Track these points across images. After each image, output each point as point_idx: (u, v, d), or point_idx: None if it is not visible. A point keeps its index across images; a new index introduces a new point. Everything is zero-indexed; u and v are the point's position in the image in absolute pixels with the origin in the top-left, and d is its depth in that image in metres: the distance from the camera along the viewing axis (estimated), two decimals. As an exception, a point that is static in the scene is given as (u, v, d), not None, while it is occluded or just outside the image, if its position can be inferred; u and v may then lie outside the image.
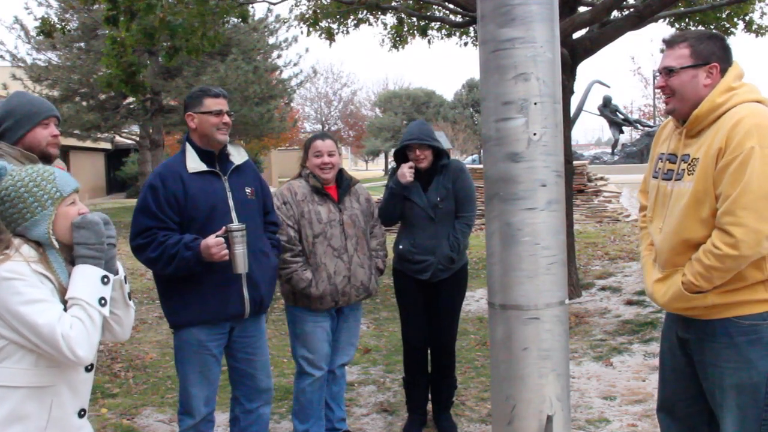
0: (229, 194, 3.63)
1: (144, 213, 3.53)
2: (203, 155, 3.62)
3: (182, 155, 3.63)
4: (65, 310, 2.34)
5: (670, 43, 2.81)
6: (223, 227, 3.45)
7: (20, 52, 22.81)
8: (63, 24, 10.18)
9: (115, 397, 5.51)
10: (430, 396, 4.77)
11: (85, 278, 2.38)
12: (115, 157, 37.69)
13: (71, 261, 2.47)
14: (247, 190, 3.72)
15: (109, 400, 5.43)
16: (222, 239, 3.41)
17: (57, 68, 21.32)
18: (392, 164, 4.78)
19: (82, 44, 21.40)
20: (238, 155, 3.77)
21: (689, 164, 2.73)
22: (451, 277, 4.57)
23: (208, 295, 3.54)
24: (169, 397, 5.42)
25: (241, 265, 3.44)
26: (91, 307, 2.34)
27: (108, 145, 32.55)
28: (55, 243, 2.42)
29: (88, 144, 27.63)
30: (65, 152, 31.29)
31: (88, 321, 2.33)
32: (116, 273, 2.50)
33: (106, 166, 39.49)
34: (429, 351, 4.70)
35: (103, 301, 2.38)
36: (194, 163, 3.59)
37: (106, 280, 2.41)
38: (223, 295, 3.56)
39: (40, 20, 9.10)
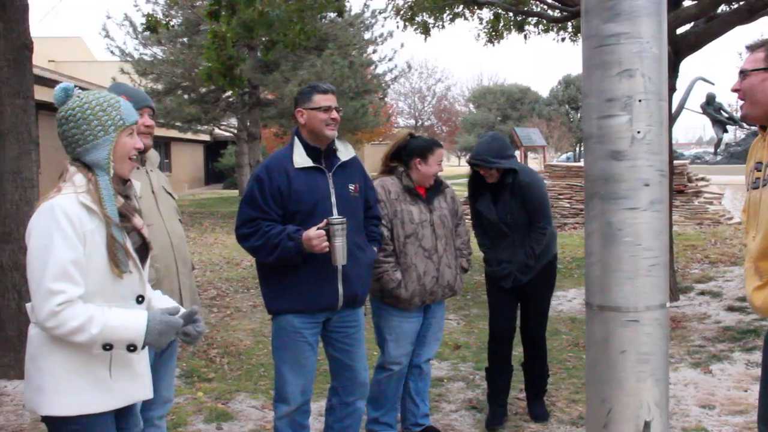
0: (332, 191, 3.68)
1: (250, 204, 3.64)
2: (310, 151, 3.68)
3: (290, 149, 3.71)
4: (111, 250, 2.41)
5: (751, 48, 2.81)
6: (325, 220, 3.53)
7: (128, 48, 23.69)
8: (167, 20, 10.55)
9: (211, 382, 5.69)
10: (523, 385, 4.94)
11: (131, 322, 2.42)
12: (214, 149, 38.83)
13: (120, 192, 2.54)
14: (350, 187, 3.75)
15: (205, 384, 5.61)
16: (323, 231, 3.50)
17: (161, 63, 22.09)
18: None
19: (185, 39, 22.11)
20: (345, 151, 3.80)
21: None
22: (538, 274, 4.65)
23: (303, 285, 3.62)
24: (262, 384, 5.56)
25: (340, 257, 3.53)
26: (99, 333, 2.35)
27: (207, 137, 33.58)
28: (112, 169, 2.47)
29: (189, 136, 28.55)
30: (167, 143, 32.46)
31: (82, 323, 2.33)
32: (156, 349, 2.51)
33: (205, 158, 40.73)
34: (522, 343, 4.90)
35: (108, 347, 2.40)
36: (300, 158, 3.65)
37: (132, 348, 2.43)
38: (317, 287, 3.63)
39: (146, 17, 9.45)
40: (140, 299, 2.58)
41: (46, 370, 2.43)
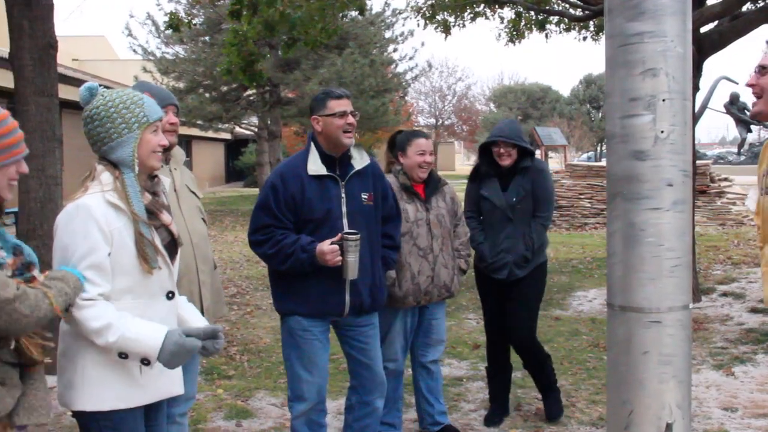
0: (344, 200, 3.64)
1: (264, 211, 3.63)
2: (325, 158, 3.64)
3: (305, 155, 3.67)
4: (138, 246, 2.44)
5: None
6: (339, 234, 3.49)
7: (150, 46, 23.84)
8: (189, 19, 10.60)
9: (231, 379, 5.72)
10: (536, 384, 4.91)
11: (148, 338, 2.43)
12: (234, 147, 38.92)
13: (147, 189, 2.56)
14: (363, 196, 3.69)
15: (225, 382, 5.64)
16: (337, 246, 3.46)
17: (183, 61, 22.19)
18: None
19: (206, 38, 22.19)
20: (360, 159, 3.73)
21: None
22: (527, 275, 4.61)
23: (311, 290, 3.61)
24: (282, 382, 5.57)
25: (352, 272, 3.50)
26: (115, 341, 2.38)
27: (228, 136, 33.65)
28: (137, 166, 2.49)
29: (210, 134, 28.67)
30: (188, 141, 32.61)
31: (100, 327, 2.36)
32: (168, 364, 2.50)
33: (226, 156, 40.87)
34: (512, 347, 4.83)
35: (123, 356, 2.42)
36: (315, 166, 3.62)
37: (146, 362, 2.44)
38: (324, 294, 3.62)
39: (168, 15, 9.50)
40: (170, 295, 2.61)
41: (77, 366, 2.47)
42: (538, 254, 4.61)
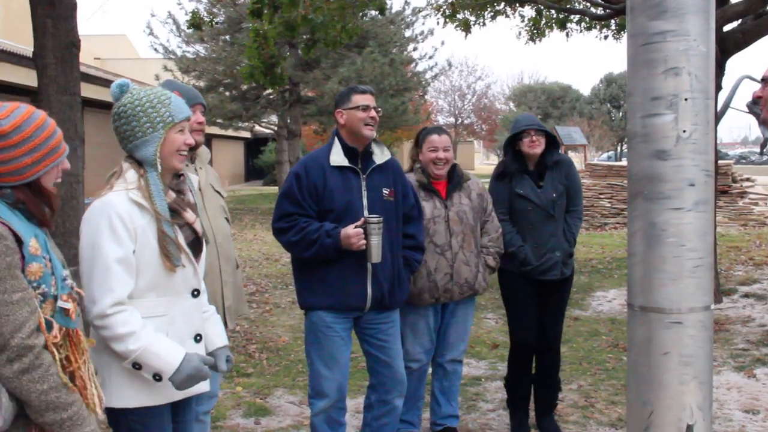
0: (364, 193, 3.69)
1: (288, 199, 3.68)
2: (348, 151, 3.71)
3: (329, 148, 3.75)
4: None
5: None
6: (362, 218, 3.56)
7: (171, 45, 23.99)
8: (210, 17, 10.67)
9: (250, 377, 5.74)
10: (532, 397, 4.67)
11: (168, 356, 2.43)
12: (254, 146, 39.06)
13: (172, 187, 2.58)
14: (384, 191, 3.75)
15: (243, 379, 5.66)
16: (361, 230, 3.52)
17: (204, 60, 22.32)
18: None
19: (227, 37, 22.30)
20: (380, 154, 3.79)
21: None
22: (571, 273, 4.52)
23: (334, 284, 3.65)
24: (300, 380, 5.59)
25: (376, 255, 3.56)
26: (135, 350, 2.38)
27: (248, 134, 33.73)
28: (159, 166, 2.51)
29: (230, 132, 28.79)
30: (208, 140, 32.77)
31: (124, 333, 2.37)
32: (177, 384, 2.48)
33: (245, 155, 41.01)
34: (537, 352, 4.59)
35: (137, 366, 2.42)
36: (337, 157, 3.69)
37: (158, 378, 2.44)
38: (347, 286, 3.65)
39: (190, 14, 9.56)
40: (195, 293, 2.63)
41: (105, 364, 2.49)
42: (571, 258, 4.52)
